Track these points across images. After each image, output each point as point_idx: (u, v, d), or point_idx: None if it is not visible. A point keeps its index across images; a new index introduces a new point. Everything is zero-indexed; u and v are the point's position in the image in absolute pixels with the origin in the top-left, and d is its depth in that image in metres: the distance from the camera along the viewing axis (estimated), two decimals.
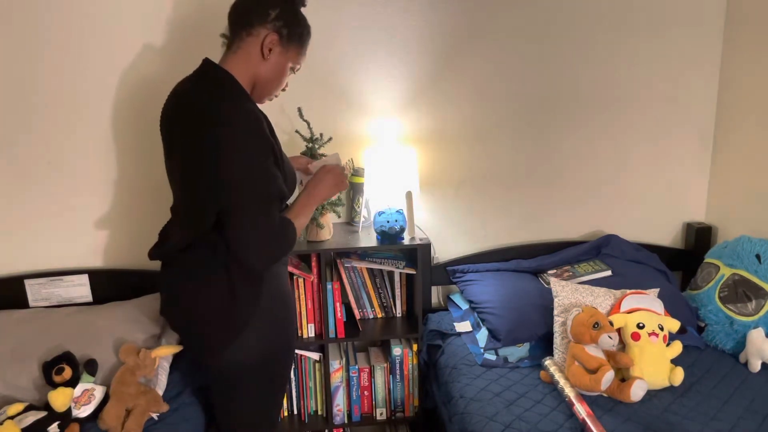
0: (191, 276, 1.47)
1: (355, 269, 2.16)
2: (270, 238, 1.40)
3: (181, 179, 1.47)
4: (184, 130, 1.40)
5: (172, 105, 1.47)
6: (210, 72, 1.46)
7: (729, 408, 1.72)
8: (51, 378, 1.71)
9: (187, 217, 1.49)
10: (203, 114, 1.36)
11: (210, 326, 1.47)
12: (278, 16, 1.47)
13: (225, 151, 1.34)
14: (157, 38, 2.04)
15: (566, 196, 2.43)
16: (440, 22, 2.18)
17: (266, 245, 1.40)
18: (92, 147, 2.09)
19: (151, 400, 1.73)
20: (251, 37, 1.46)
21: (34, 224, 2.11)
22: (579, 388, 1.77)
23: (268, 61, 1.48)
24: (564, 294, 2.00)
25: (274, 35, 1.46)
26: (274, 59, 1.49)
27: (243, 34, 1.46)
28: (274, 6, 1.47)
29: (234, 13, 1.50)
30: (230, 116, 1.35)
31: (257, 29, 1.46)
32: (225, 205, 1.37)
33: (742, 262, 2.08)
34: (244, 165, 1.35)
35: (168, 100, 1.51)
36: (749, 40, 2.23)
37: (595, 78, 2.32)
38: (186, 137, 1.40)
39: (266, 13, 1.46)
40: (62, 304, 2.11)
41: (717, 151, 2.44)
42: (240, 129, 1.35)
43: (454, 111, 2.27)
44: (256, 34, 1.46)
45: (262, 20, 1.46)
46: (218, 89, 1.42)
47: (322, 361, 2.18)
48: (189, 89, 1.46)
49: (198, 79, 1.47)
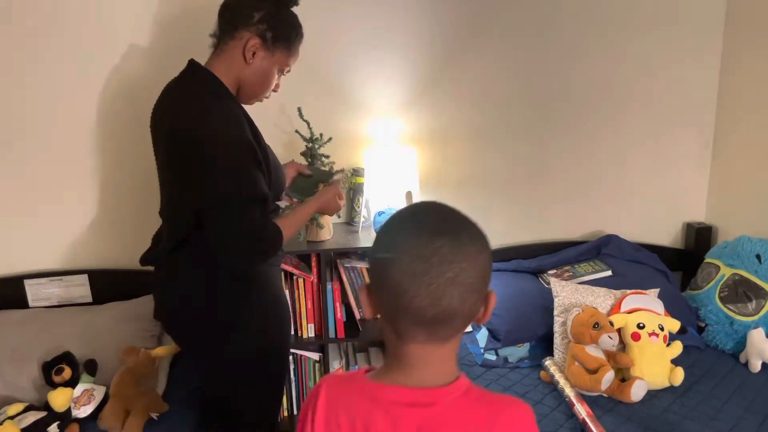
0: (175, 278, 1.47)
1: (355, 269, 2.16)
2: (248, 239, 1.36)
3: (164, 180, 1.46)
4: (165, 129, 1.40)
5: (158, 105, 1.47)
6: (195, 72, 1.44)
7: (729, 408, 1.72)
8: (51, 378, 1.70)
9: (171, 219, 1.48)
10: (183, 113, 1.35)
11: (198, 328, 1.47)
12: (262, 19, 1.41)
13: (203, 150, 1.31)
14: (152, 38, 2.03)
15: (566, 196, 2.43)
16: (441, 22, 2.18)
17: (243, 246, 1.36)
18: (93, 147, 2.09)
19: (150, 400, 1.73)
20: (234, 41, 1.42)
21: (34, 224, 2.11)
22: (579, 388, 1.77)
23: (251, 65, 1.43)
24: (564, 294, 2.00)
25: (257, 39, 1.41)
26: (258, 63, 1.44)
27: (227, 37, 1.43)
28: (258, 8, 1.41)
29: (220, 14, 1.46)
30: (210, 116, 1.33)
31: (240, 32, 1.41)
32: (203, 205, 1.34)
33: (743, 262, 2.08)
34: (220, 165, 1.32)
35: (157, 100, 1.51)
36: (749, 40, 2.22)
37: (596, 78, 2.32)
38: (168, 137, 1.39)
39: (250, 15, 1.41)
40: (62, 304, 2.11)
41: (717, 151, 2.44)
42: (219, 129, 1.33)
43: (454, 111, 2.27)
44: (239, 37, 1.41)
45: (246, 23, 1.41)
46: (201, 89, 1.40)
47: (322, 361, 2.17)
48: (173, 89, 1.45)
49: (181, 79, 1.45)
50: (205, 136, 1.32)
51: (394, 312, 0.80)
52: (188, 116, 1.34)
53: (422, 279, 0.76)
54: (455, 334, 0.83)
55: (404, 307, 0.78)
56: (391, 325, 0.83)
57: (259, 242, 1.38)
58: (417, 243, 0.77)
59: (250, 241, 1.36)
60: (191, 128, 1.33)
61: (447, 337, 0.83)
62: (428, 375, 0.84)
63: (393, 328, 0.83)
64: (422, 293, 0.76)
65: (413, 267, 0.76)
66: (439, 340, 0.82)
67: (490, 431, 0.81)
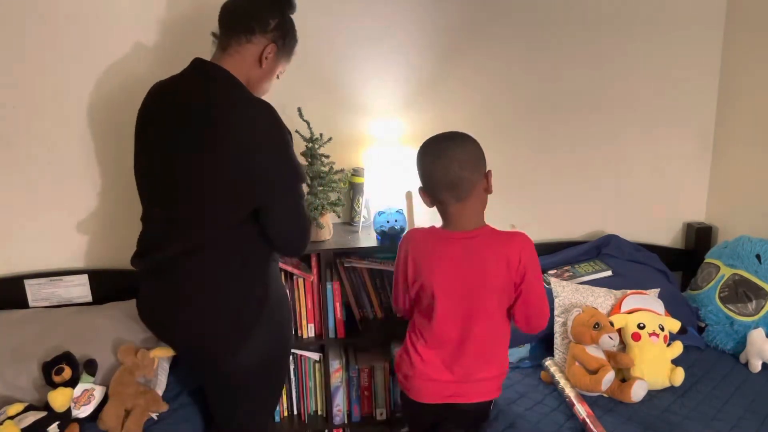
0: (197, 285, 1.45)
1: (355, 269, 2.16)
2: (308, 228, 1.55)
3: (204, 178, 1.40)
4: (205, 129, 1.37)
5: (172, 104, 1.45)
6: (211, 70, 1.44)
7: (729, 408, 1.72)
8: (51, 378, 1.70)
9: (193, 219, 1.43)
10: (231, 111, 1.36)
11: (225, 331, 1.46)
12: (277, 26, 1.48)
13: (264, 147, 1.37)
14: (157, 38, 2.03)
15: (566, 196, 2.43)
16: (441, 22, 2.18)
17: (307, 235, 1.53)
18: (92, 147, 2.09)
19: (150, 401, 1.73)
20: (250, 44, 1.46)
21: (35, 224, 2.11)
22: (579, 388, 1.77)
23: (263, 68, 1.49)
24: (564, 294, 2.00)
25: (273, 45, 1.48)
26: (268, 66, 1.50)
27: (242, 39, 1.45)
28: (274, 15, 1.47)
29: (230, 16, 1.48)
30: (264, 113, 1.38)
31: (258, 37, 1.46)
32: (269, 199, 1.41)
33: (743, 263, 2.08)
34: (283, 159, 1.41)
35: (156, 99, 1.49)
36: (749, 40, 2.22)
37: (596, 78, 2.32)
38: (210, 136, 1.36)
39: (267, 22, 1.46)
40: (62, 304, 2.10)
41: (717, 151, 2.44)
42: (276, 123, 1.39)
43: (454, 111, 2.27)
44: (257, 42, 1.46)
45: (263, 29, 1.46)
46: (235, 89, 1.42)
47: (322, 361, 2.17)
48: (192, 89, 1.43)
49: (202, 79, 1.44)
50: (267, 132, 1.38)
51: (433, 188, 1.48)
52: (239, 115, 1.36)
53: (439, 162, 1.45)
54: (469, 195, 1.48)
55: (435, 181, 1.47)
56: (437, 199, 1.50)
57: (309, 226, 1.60)
58: (435, 146, 1.51)
59: (308, 228, 1.56)
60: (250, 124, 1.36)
61: (464, 197, 1.48)
62: (466, 223, 1.52)
63: (438, 200, 1.50)
64: (439, 170, 1.45)
65: (432, 158, 1.47)
66: (461, 200, 1.48)
67: (507, 246, 1.49)
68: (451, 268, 1.50)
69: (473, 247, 1.49)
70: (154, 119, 1.49)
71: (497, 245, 1.50)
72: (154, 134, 1.49)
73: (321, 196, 2.01)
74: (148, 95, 1.54)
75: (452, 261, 1.50)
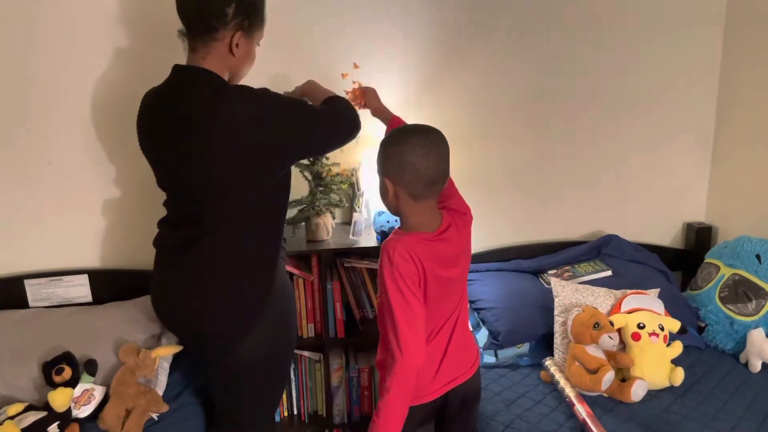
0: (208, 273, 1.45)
1: (355, 269, 2.16)
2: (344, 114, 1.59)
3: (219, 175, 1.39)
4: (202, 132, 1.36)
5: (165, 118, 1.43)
6: (195, 73, 1.43)
7: (729, 408, 1.72)
8: (51, 378, 1.70)
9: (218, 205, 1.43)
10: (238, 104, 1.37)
11: (229, 320, 1.46)
12: (237, 12, 1.41)
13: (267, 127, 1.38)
14: (160, 38, 2.03)
15: (566, 196, 2.43)
16: (441, 22, 2.18)
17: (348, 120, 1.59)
18: (91, 147, 2.09)
19: (150, 401, 1.73)
20: (217, 42, 1.42)
21: (34, 224, 2.11)
22: (579, 388, 1.77)
23: (236, 56, 1.46)
24: (564, 294, 2.00)
25: (239, 33, 1.43)
26: (242, 52, 1.47)
27: (207, 39, 1.42)
28: (229, 2, 1.40)
29: (188, 17, 1.43)
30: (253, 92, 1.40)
31: (221, 32, 1.41)
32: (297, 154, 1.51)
33: (742, 263, 2.08)
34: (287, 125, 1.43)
35: (151, 111, 1.48)
36: (749, 40, 2.22)
37: (596, 78, 2.32)
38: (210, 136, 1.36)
39: (224, 14, 1.40)
40: (62, 304, 2.10)
41: (717, 151, 2.44)
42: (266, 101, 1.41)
43: (454, 111, 2.27)
44: (221, 37, 1.42)
45: (223, 22, 1.40)
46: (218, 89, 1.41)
47: (322, 361, 2.17)
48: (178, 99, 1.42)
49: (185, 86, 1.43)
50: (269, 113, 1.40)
51: (414, 183, 1.35)
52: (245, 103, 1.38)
53: (430, 156, 1.34)
54: (441, 190, 1.42)
55: (420, 176, 1.34)
56: (411, 194, 1.37)
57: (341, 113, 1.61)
58: (420, 138, 1.36)
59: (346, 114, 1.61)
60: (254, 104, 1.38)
61: (438, 192, 1.41)
62: (437, 218, 1.43)
63: (413, 195, 1.37)
64: (430, 165, 1.34)
65: (423, 152, 1.34)
66: (436, 195, 1.41)
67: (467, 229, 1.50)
68: (444, 273, 1.41)
69: (452, 241, 1.42)
70: (152, 133, 1.49)
71: (461, 227, 1.47)
72: (154, 147, 1.50)
73: (321, 197, 2.01)
74: (142, 106, 1.53)
75: (448, 266, 1.41)
